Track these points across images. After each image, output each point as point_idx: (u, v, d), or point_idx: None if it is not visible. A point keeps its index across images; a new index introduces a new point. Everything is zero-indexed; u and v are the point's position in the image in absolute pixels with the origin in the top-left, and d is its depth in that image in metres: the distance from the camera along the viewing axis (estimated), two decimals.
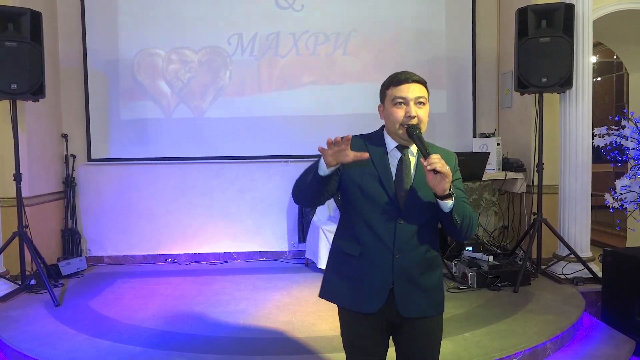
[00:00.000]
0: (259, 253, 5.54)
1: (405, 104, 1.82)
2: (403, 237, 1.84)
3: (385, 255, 1.85)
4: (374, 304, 1.86)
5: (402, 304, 1.85)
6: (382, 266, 1.85)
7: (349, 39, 5.50)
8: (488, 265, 4.25)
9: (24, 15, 4.12)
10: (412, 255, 1.86)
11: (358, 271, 1.88)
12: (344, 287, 1.92)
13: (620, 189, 3.85)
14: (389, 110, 1.85)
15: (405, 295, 1.85)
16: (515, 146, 5.36)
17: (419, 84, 1.84)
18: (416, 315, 1.87)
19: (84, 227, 5.44)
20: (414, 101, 1.82)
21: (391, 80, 1.87)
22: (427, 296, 1.89)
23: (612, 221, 6.03)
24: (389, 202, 1.83)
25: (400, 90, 1.83)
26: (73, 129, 5.39)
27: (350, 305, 1.90)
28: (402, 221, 1.83)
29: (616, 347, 3.39)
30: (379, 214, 1.84)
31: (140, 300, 4.10)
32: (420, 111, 1.83)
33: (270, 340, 3.25)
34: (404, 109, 1.82)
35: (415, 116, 1.81)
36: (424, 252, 1.88)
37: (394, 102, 1.83)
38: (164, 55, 5.42)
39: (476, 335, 3.22)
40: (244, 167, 5.51)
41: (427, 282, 1.89)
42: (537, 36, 4.30)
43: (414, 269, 1.86)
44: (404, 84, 1.83)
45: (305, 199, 1.90)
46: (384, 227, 1.84)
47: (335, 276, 1.96)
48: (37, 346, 3.15)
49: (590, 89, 4.44)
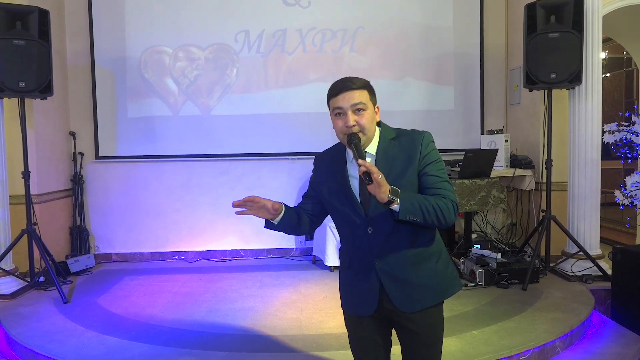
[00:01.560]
0: (266, 250, 5.54)
1: (343, 113, 1.80)
2: (377, 243, 1.85)
3: (367, 263, 1.89)
4: (367, 308, 1.90)
5: (399, 301, 1.85)
6: (366, 273, 1.89)
7: (356, 36, 5.47)
8: (496, 262, 4.22)
9: (31, 14, 4.14)
10: (393, 258, 1.85)
11: (351, 279, 1.97)
12: (345, 294, 2.03)
13: (630, 186, 3.81)
14: (333, 121, 1.86)
15: (399, 292, 1.85)
16: (524, 143, 5.32)
17: (357, 90, 1.80)
18: (418, 308, 1.86)
19: (92, 225, 5.46)
20: (351, 109, 1.79)
21: (330, 91, 1.85)
22: (423, 287, 1.87)
23: (622, 218, 5.98)
24: (356, 212, 1.86)
25: (337, 100, 1.82)
26: (81, 127, 5.41)
27: (350, 310, 1.99)
28: (370, 229, 1.85)
29: (626, 345, 3.36)
30: (351, 226, 1.89)
31: (148, 298, 4.11)
32: (359, 118, 1.79)
33: (277, 337, 3.24)
34: (342, 119, 1.81)
35: (353, 124, 1.78)
36: (405, 252, 1.86)
37: (334, 113, 1.84)
38: (170, 52, 5.42)
39: (485, 333, 3.20)
40: (251, 164, 5.51)
41: (419, 275, 1.86)
42: (546, 32, 4.27)
43: (398, 269, 1.86)
44: (341, 93, 1.81)
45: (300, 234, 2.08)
46: (359, 237, 1.88)
47: (340, 285, 2.06)
48: (46, 343, 3.17)
49: (600, 85, 4.40)
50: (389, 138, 1.87)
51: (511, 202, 5.45)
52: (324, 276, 4.68)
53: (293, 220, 1.94)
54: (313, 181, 2.03)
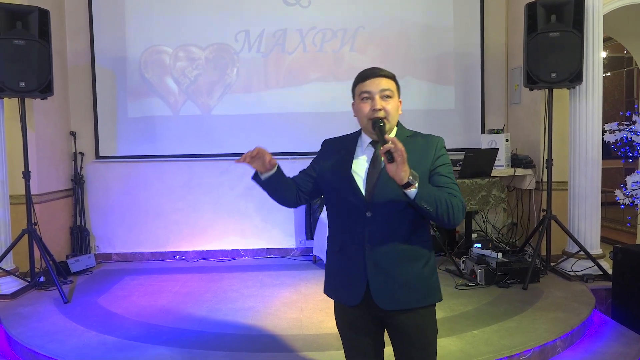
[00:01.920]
0: (266, 250, 5.54)
1: (371, 98, 1.85)
2: (372, 229, 1.84)
3: (358, 248, 1.86)
4: (354, 296, 1.88)
5: (379, 296, 1.84)
6: (356, 259, 1.87)
7: (356, 35, 5.47)
8: (497, 262, 4.22)
9: (32, 13, 4.14)
10: (384, 248, 1.84)
11: (339, 265, 1.95)
12: (332, 281, 2.00)
13: (631, 185, 3.81)
14: (357, 106, 1.90)
15: (381, 287, 1.84)
16: (524, 142, 5.32)
17: (385, 78, 1.88)
18: (395, 307, 1.85)
19: (93, 225, 5.47)
20: (379, 94, 1.84)
21: (358, 77, 1.92)
22: (407, 288, 1.85)
23: (622, 218, 5.97)
24: (357, 196, 1.85)
25: (365, 85, 1.87)
26: (81, 127, 5.41)
27: (337, 298, 1.98)
28: (369, 213, 1.84)
29: (627, 344, 3.35)
30: (349, 209, 1.88)
31: (149, 297, 4.11)
32: (386, 104, 1.84)
33: (278, 337, 3.24)
34: (369, 103, 1.85)
35: (380, 109, 1.83)
36: (398, 244, 1.84)
37: (361, 97, 1.87)
38: (171, 52, 5.42)
39: (485, 333, 3.20)
40: None
41: (406, 274, 1.85)
42: (546, 31, 4.26)
43: (387, 261, 1.84)
44: (369, 79, 1.87)
45: (276, 200, 2.05)
46: (354, 221, 1.86)
47: (327, 272, 2.05)
48: (46, 342, 3.17)
49: (600, 84, 4.39)
50: (406, 135, 1.92)
51: (512, 202, 5.45)
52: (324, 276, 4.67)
53: (281, 184, 1.97)
54: (316, 161, 2.03)
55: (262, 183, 1.95)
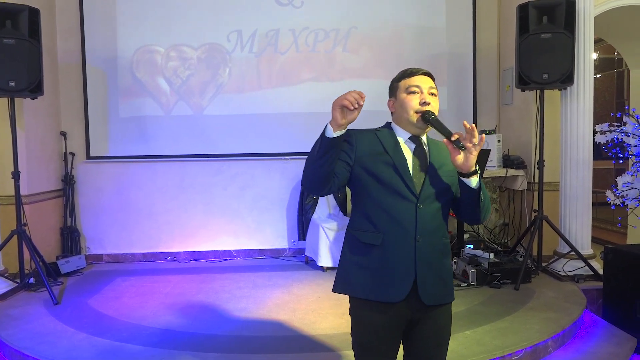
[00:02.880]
0: (258, 251, 5.53)
1: (420, 92, 1.88)
2: (423, 221, 1.84)
3: (408, 240, 1.83)
4: (401, 291, 1.82)
5: (425, 291, 1.84)
6: (406, 252, 1.83)
7: (349, 36, 5.47)
8: (489, 262, 4.23)
9: (22, 12, 4.10)
10: (432, 240, 1.87)
11: (381, 260, 1.84)
12: (366, 278, 1.86)
13: (621, 186, 3.83)
14: (402, 99, 1.90)
15: (427, 282, 1.85)
16: (516, 143, 5.34)
17: (431, 78, 1.93)
18: (437, 302, 1.88)
19: (83, 225, 5.42)
20: (427, 90, 1.89)
21: (403, 73, 1.94)
22: (443, 283, 1.90)
23: (613, 218, 6.01)
24: (407, 187, 1.84)
25: (414, 80, 1.90)
26: (72, 127, 5.37)
27: (375, 296, 1.84)
28: (421, 205, 1.84)
29: (618, 344, 3.37)
30: (398, 200, 1.84)
31: (140, 299, 4.08)
32: (432, 100, 1.88)
33: (270, 338, 3.23)
34: (418, 97, 1.88)
35: (429, 103, 1.87)
36: (440, 237, 1.90)
37: (408, 91, 1.89)
38: (162, 52, 5.39)
39: (477, 333, 3.21)
40: (244, 164, 5.50)
41: (444, 268, 1.91)
42: (538, 32, 4.28)
43: (433, 254, 1.87)
44: (417, 74, 1.91)
45: (314, 175, 1.80)
46: (404, 213, 1.83)
47: (354, 268, 1.89)
48: (36, 345, 3.14)
49: (591, 85, 4.42)
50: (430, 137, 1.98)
51: (503, 202, 5.47)
52: (317, 277, 4.67)
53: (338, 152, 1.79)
54: (349, 148, 1.86)
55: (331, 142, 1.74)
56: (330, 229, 4.70)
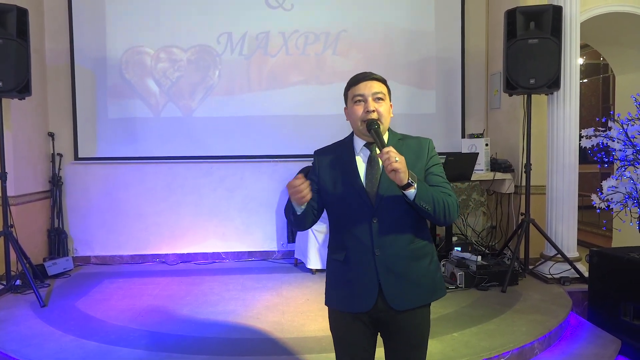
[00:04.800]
0: (247, 253, 5.52)
1: (364, 100, 1.89)
2: (380, 234, 1.86)
3: (367, 254, 1.88)
4: (367, 301, 1.88)
5: (393, 298, 1.87)
6: (366, 265, 1.88)
7: (339, 39, 5.49)
8: (476, 265, 4.27)
9: (10, 12, 4.07)
10: (393, 250, 1.87)
11: (346, 275, 1.93)
12: (337, 291, 1.97)
13: (606, 190, 3.88)
14: (350, 109, 1.94)
15: (394, 289, 1.87)
16: (504, 147, 5.39)
17: (377, 82, 1.92)
18: (408, 306, 1.89)
19: (71, 227, 5.38)
20: (372, 97, 1.89)
21: (350, 81, 1.96)
22: (415, 285, 1.91)
23: (598, 221, 6.09)
24: (362, 202, 1.88)
25: (358, 88, 1.91)
26: (60, 127, 5.33)
27: (344, 307, 1.94)
28: (375, 219, 1.86)
29: (602, 346, 3.42)
30: (354, 216, 1.90)
31: (128, 301, 4.06)
32: (379, 106, 1.89)
33: (259, 340, 3.23)
34: (362, 106, 1.89)
35: (373, 110, 1.87)
36: (406, 245, 1.89)
37: (354, 100, 1.91)
38: (152, 53, 5.38)
39: (465, 335, 3.23)
40: (233, 166, 5.49)
41: (415, 272, 1.90)
42: (525, 37, 4.33)
43: (397, 263, 1.88)
44: (361, 82, 1.91)
45: (298, 225, 1.97)
46: (361, 228, 1.88)
47: (330, 283, 2.02)
48: (22, 347, 3.12)
49: (577, 90, 4.48)
50: (397, 138, 1.97)
51: (491, 205, 5.52)
52: (306, 279, 4.68)
53: (309, 213, 1.93)
54: (313, 175, 2.00)
55: (298, 216, 1.90)
56: (319, 231, 4.71)
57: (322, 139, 5.25)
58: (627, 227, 4.07)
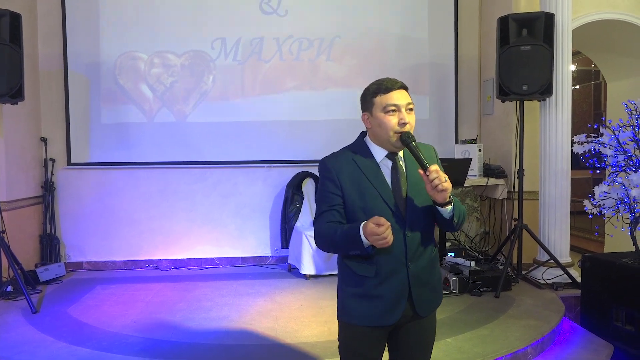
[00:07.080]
0: (241, 258, 5.51)
1: (398, 110, 1.80)
2: (412, 246, 1.85)
3: (400, 268, 1.83)
4: (395, 314, 1.85)
5: (420, 306, 1.87)
6: (399, 279, 1.84)
7: (333, 45, 5.51)
8: (470, 270, 4.28)
9: (3, 17, 4.06)
10: (422, 261, 1.88)
11: (377, 289, 1.84)
12: (363, 307, 1.85)
13: (598, 196, 3.90)
14: (380, 119, 1.81)
15: (422, 297, 1.88)
16: (497, 153, 5.42)
17: (406, 91, 1.84)
18: (430, 310, 1.93)
19: (63, 233, 5.35)
20: (405, 107, 1.82)
21: (378, 88, 1.82)
22: (434, 290, 1.95)
23: (590, 227, 6.10)
24: (393, 215, 1.81)
25: (391, 97, 1.80)
26: (53, 133, 5.30)
27: (373, 322, 1.85)
28: (409, 232, 1.83)
29: (595, 351, 3.43)
30: None
31: (121, 307, 4.04)
32: (410, 117, 1.82)
33: (252, 346, 3.22)
34: (397, 116, 1.80)
35: (409, 122, 1.81)
36: (430, 254, 1.92)
37: (386, 110, 1.80)
38: (146, 58, 5.37)
39: (458, 341, 3.24)
40: (227, 171, 5.48)
41: (434, 278, 1.95)
42: (518, 44, 4.37)
43: (424, 272, 1.89)
44: (393, 90, 1.81)
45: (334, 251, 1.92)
46: (394, 242, 1.73)
47: (350, 298, 1.89)
48: (14, 354, 3.09)
49: (569, 96, 4.52)
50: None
51: (484, 211, 5.54)
52: (300, 284, 4.67)
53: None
54: (333, 187, 1.84)
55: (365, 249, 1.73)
56: (312, 236, 4.70)
57: (316, 144, 5.36)
58: (619, 233, 4.10)
